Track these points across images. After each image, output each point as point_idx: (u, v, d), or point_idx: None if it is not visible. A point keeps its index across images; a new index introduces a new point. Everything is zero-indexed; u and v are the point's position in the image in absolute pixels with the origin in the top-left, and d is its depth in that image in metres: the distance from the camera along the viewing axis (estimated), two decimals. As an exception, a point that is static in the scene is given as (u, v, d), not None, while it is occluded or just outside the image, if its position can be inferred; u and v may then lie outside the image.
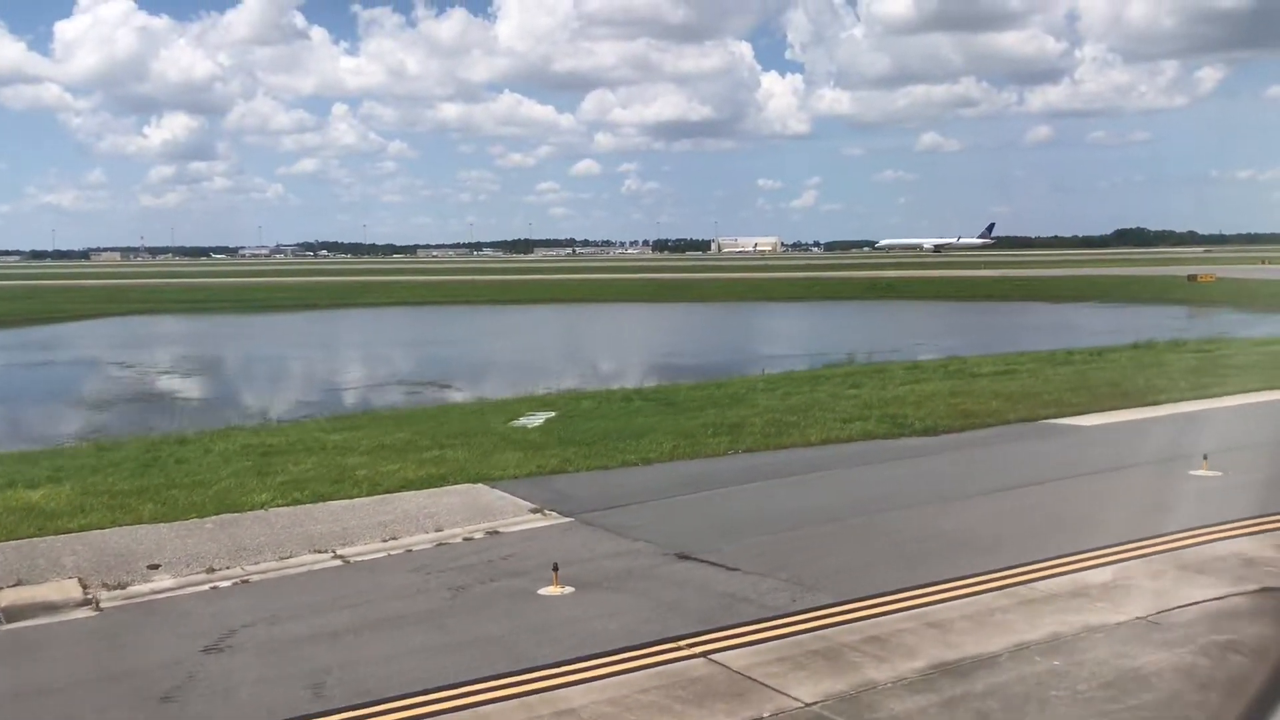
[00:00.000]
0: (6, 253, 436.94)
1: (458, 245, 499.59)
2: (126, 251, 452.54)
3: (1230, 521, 13.24)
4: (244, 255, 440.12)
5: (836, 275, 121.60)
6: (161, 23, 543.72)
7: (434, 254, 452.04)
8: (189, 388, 39.42)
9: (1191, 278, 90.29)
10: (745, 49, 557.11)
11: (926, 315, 74.22)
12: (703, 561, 12.10)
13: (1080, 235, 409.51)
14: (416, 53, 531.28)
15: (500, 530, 13.83)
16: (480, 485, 16.02)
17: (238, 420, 25.45)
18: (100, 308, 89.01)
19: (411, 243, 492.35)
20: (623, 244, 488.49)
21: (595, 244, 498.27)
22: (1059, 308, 77.46)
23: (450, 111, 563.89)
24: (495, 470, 16.83)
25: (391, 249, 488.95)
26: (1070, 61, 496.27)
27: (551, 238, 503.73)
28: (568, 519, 14.30)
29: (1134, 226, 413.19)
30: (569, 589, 11.13)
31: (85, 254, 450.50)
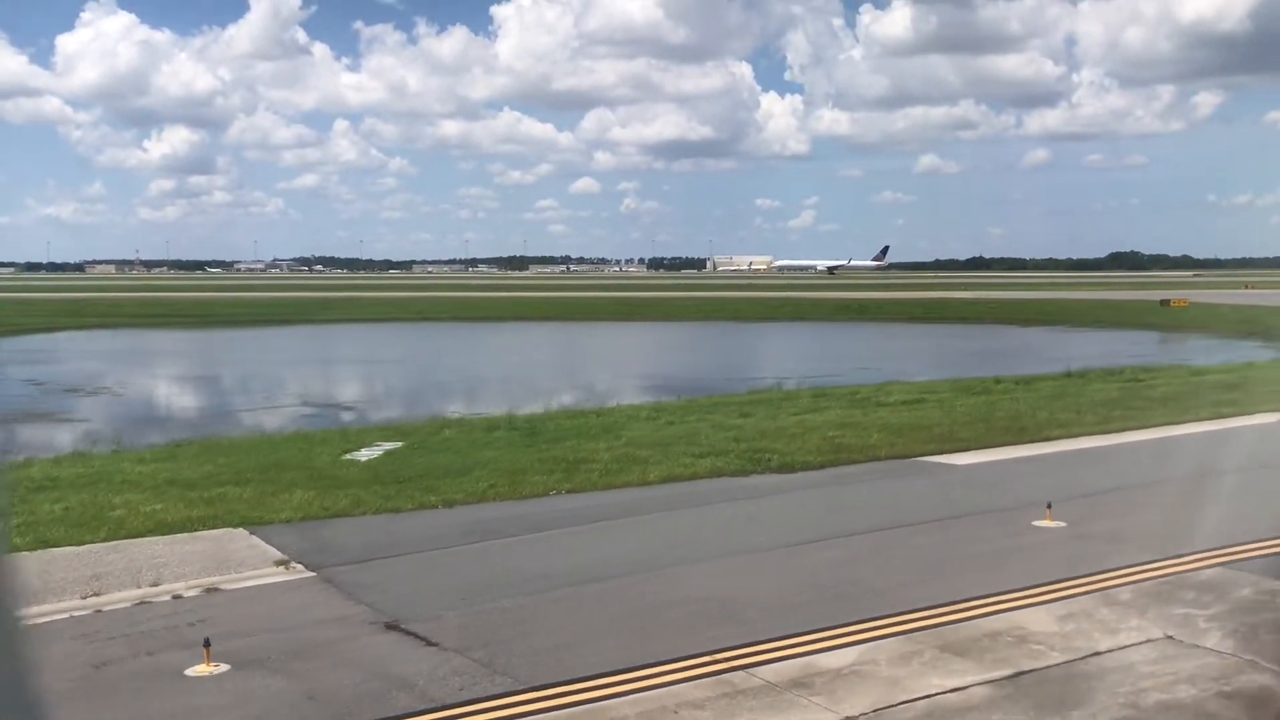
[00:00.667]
0: (1, 264, 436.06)
1: (454, 261, 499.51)
2: (121, 264, 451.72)
3: (1041, 585, 11.79)
4: (239, 269, 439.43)
5: (808, 296, 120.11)
6: (163, 36, 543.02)
7: (429, 270, 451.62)
8: (67, 408, 37.83)
9: (1164, 302, 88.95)
10: (745, 69, 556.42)
11: (885, 338, 72.78)
12: (407, 633, 10.56)
13: (1075, 258, 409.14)
14: (417, 70, 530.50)
15: (222, 587, 12.28)
16: (241, 530, 14.48)
17: (82, 444, 23.93)
18: (55, 321, 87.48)
19: (411, 259, 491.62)
20: (618, 262, 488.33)
21: (591, 261, 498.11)
22: (1025, 331, 76.00)
23: (450, 128, 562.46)
24: (272, 512, 15.29)
25: (388, 264, 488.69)
26: (1068, 85, 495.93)
27: (548, 255, 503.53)
28: (310, 574, 12.75)
29: (1128, 250, 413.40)
30: (223, 668, 9.58)
31: (80, 266, 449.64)
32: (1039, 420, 24.25)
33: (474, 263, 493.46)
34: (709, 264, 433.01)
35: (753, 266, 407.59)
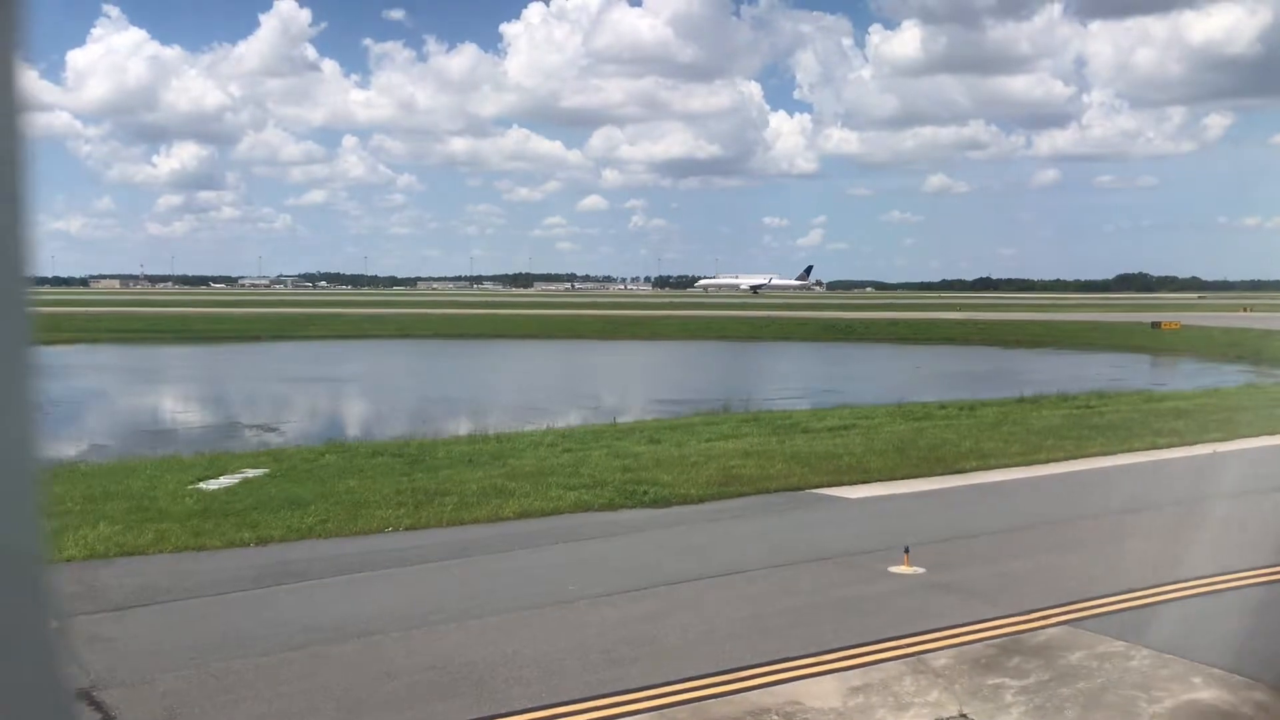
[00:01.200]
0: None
1: (459, 278, 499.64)
2: (126, 279, 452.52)
3: (855, 646, 10.40)
4: (244, 285, 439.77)
5: (794, 315, 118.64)
6: (173, 53, 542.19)
7: (433, 286, 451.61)
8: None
9: (1155, 325, 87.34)
10: (754, 88, 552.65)
11: (859, 360, 71.33)
12: (93, 703, 9.18)
13: (1082, 279, 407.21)
14: (427, 87, 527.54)
15: (-60, 639, 10.91)
16: (9, 572, 13.11)
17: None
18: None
19: (419, 275, 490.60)
20: (623, 279, 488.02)
21: (596, 279, 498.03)
22: (1005, 354, 74.55)
23: (459, 145, 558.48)
24: (57, 550, 13.93)
25: (393, 281, 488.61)
26: (1078, 106, 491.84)
27: (553, 272, 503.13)
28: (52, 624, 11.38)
29: (1136, 271, 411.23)
30: None
31: (85, 281, 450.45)
32: (960, 450, 22.83)
33: (479, 279, 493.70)
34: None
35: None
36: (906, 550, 13.46)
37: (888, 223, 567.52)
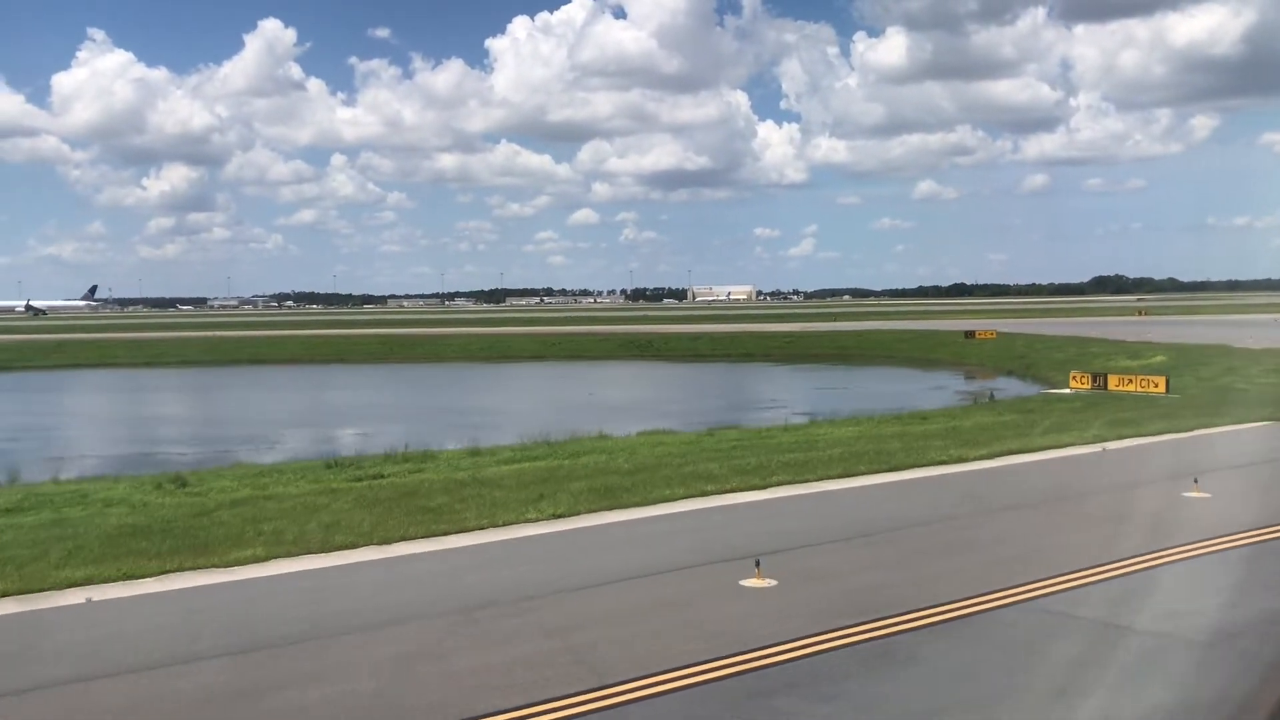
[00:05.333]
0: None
1: (433, 295, 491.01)
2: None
3: None
4: (212, 306, 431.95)
5: (598, 330, 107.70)
6: (159, 74, 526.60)
7: (402, 304, 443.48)
8: None
9: (969, 334, 77.67)
10: (741, 98, 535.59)
11: (608, 379, 61.91)
12: None
13: (1058, 283, 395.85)
14: (413, 104, 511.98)
15: None
16: None
17: None
18: None
19: (408, 293, 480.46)
20: (598, 292, 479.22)
21: (572, 293, 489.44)
22: (767, 371, 65.08)
23: (448, 162, 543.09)
24: None
25: (366, 299, 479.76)
26: (1065, 110, 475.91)
27: (533, 286, 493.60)
28: None
29: (1112, 274, 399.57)
30: None
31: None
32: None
33: (452, 296, 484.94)
34: (689, 294, 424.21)
35: (732, 296, 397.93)
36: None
37: (878, 230, 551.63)
